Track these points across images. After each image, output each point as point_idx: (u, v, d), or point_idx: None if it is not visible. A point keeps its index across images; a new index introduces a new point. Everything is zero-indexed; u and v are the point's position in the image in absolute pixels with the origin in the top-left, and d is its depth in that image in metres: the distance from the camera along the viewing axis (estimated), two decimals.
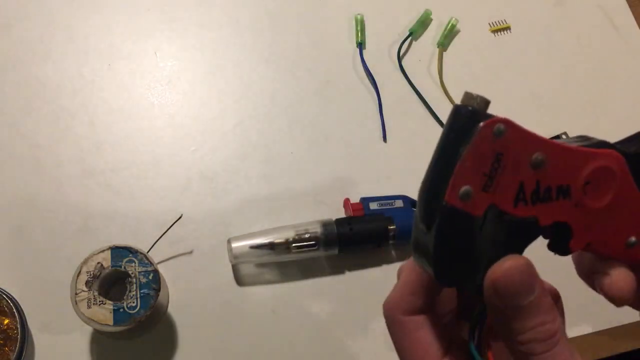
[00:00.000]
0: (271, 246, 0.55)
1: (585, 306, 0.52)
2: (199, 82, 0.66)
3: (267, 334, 0.56)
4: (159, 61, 0.66)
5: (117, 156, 0.61)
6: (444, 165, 0.27)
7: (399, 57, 0.68)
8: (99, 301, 0.49)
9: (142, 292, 0.50)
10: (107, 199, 0.59)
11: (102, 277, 0.50)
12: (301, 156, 0.63)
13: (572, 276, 0.33)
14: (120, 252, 0.51)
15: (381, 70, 0.67)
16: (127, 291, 0.50)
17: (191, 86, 0.65)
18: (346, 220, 0.57)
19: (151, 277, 0.51)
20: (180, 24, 0.68)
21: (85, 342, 0.55)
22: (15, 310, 0.52)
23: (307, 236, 0.56)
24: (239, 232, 0.57)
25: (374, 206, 0.58)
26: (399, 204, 0.59)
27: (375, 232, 0.57)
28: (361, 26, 0.69)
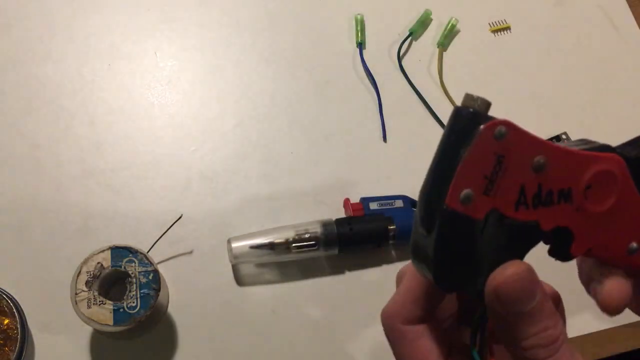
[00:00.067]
0: (271, 246, 0.55)
1: (585, 306, 0.52)
2: (199, 82, 0.66)
3: (267, 334, 0.56)
4: (159, 61, 0.66)
5: (117, 156, 0.61)
6: (445, 168, 0.27)
7: (399, 57, 0.68)
8: (99, 301, 0.49)
9: (142, 292, 0.50)
10: (107, 199, 0.59)
11: (102, 277, 0.50)
12: (301, 156, 0.63)
13: (572, 276, 0.33)
14: (120, 252, 0.51)
15: (381, 70, 0.67)
16: (127, 291, 0.50)
17: (191, 86, 0.65)
18: (346, 220, 0.57)
19: (151, 277, 0.51)
20: (180, 24, 0.68)
21: (85, 342, 0.55)
22: (15, 310, 0.52)
23: (307, 236, 0.56)
24: (239, 232, 0.57)
25: (374, 206, 0.58)
26: (399, 204, 0.59)
27: (375, 232, 0.57)
28: (361, 26, 0.68)
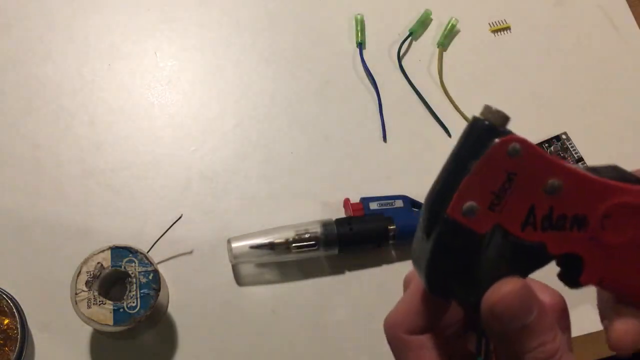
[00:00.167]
0: (271, 246, 0.55)
1: (586, 306, 0.52)
2: (199, 82, 0.66)
3: (267, 334, 0.56)
4: (159, 61, 0.66)
5: (117, 156, 0.61)
6: (452, 177, 0.26)
7: (399, 57, 0.68)
8: (99, 301, 0.49)
9: (142, 292, 0.50)
10: (107, 199, 0.59)
11: (102, 277, 0.50)
12: (301, 156, 0.63)
13: None
14: (120, 252, 0.51)
15: (381, 70, 0.67)
16: (127, 291, 0.50)
17: (191, 86, 0.65)
18: (346, 220, 0.57)
19: (151, 277, 0.51)
20: (180, 24, 0.68)
21: (85, 342, 0.55)
22: (15, 310, 0.52)
23: (307, 236, 0.56)
24: (238, 232, 0.57)
25: (374, 206, 0.58)
26: (399, 204, 0.59)
27: (375, 232, 0.57)
28: (361, 26, 0.68)
